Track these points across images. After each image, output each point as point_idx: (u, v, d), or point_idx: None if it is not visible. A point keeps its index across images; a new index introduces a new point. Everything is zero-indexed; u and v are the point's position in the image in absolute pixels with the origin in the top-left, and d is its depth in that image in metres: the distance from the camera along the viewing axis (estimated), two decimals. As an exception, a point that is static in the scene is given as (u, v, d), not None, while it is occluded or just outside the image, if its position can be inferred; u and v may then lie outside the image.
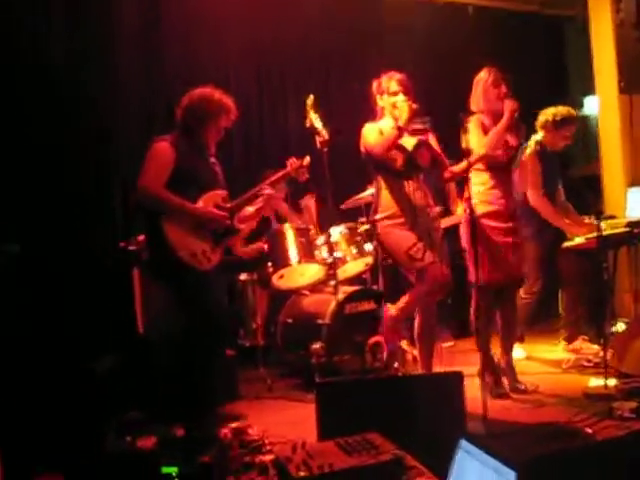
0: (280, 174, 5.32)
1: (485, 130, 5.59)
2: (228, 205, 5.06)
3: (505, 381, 5.78)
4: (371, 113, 5.53)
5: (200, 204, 4.90)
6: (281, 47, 8.30)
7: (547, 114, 6.71)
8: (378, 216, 5.40)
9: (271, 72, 8.28)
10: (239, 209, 5.16)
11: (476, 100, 5.72)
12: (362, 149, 5.41)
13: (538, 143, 6.66)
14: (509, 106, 5.54)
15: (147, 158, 4.84)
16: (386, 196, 5.38)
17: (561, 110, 6.73)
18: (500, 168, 5.68)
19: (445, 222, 6.62)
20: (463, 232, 5.73)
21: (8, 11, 6.42)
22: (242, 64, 8.02)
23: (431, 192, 5.60)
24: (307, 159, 5.32)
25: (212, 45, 7.81)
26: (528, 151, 6.60)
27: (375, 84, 5.50)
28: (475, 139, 5.48)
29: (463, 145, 5.18)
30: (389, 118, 5.42)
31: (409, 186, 5.36)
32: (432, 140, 5.54)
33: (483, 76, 5.72)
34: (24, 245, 5.65)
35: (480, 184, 5.57)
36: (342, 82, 8.40)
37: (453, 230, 6.05)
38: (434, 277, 5.26)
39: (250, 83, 8.11)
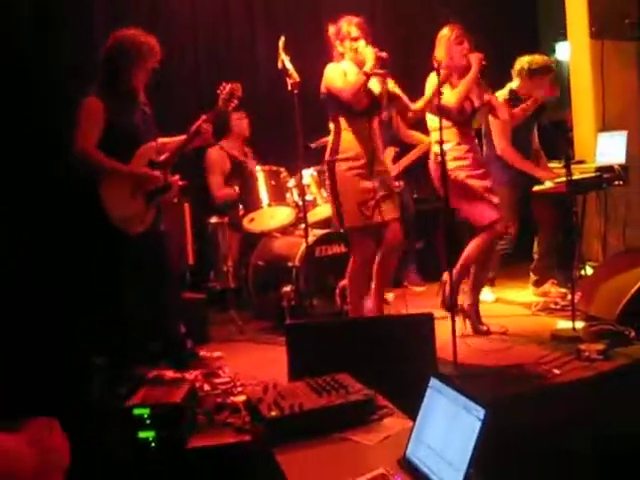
0: (214, 110, 5.21)
1: (451, 85, 5.65)
2: (162, 158, 5.03)
3: (468, 322, 5.87)
4: (329, 57, 5.51)
5: (134, 161, 4.86)
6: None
7: (523, 62, 6.66)
8: (338, 156, 5.38)
9: (240, 12, 8.16)
10: (173, 159, 5.11)
11: (440, 57, 5.70)
12: (323, 89, 5.39)
13: (512, 91, 6.63)
14: (476, 58, 5.59)
15: (79, 118, 4.75)
16: (347, 137, 5.36)
17: (537, 59, 6.69)
18: (464, 123, 5.75)
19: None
20: (436, 176, 5.76)
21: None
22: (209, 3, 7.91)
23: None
24: (239, 87, 5.21)
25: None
26: (500, 99, 6.58)
27: (333, 29, 5.45)
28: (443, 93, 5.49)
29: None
30: (350, 62, 5.40)
31: (371, 130, 5.39)
32: (391, 83, 5.53)
33: (446, 33, 5.73)
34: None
35: (447, 141, 5.57)
36: (313, 24, 8.30)
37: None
38: (367, 249, 5.43)
39: (218, 23, 7.99)
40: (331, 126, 5.47)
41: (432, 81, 5.49)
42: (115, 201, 4.78)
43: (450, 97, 5.54)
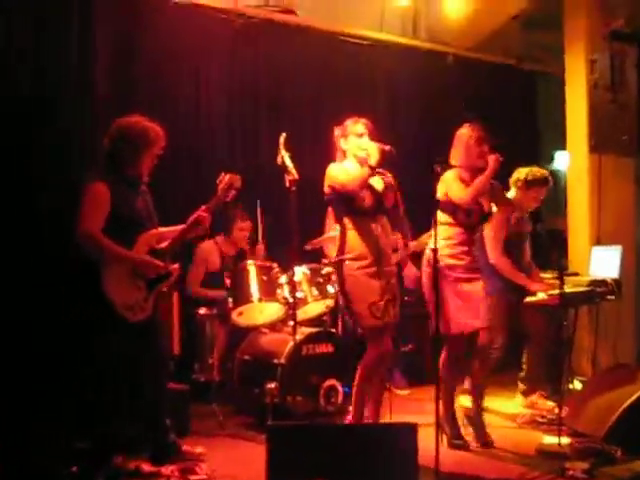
0: (212, 200, 5.23)
1: (464, 183, 5.60)
2: (163, 246, 5.08)
3: (472, 432, 5.77)
4: (333, 158, 5.53)
5: (136, 248, 4.89)
6: (255, 85, 8.29)
7: (520, 172, 6.72)
8: (345, 257, 5.34)
9: (243, 108, 8.23)
10: (174, 247, 5.15)
11: (457, 155, 5.72)
12: (327, 189, 5.37)
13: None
14: (493, 159, 5.56)
15: (84, 201, 4.79)
16: (353, 237, 5.33)
17: (535, 171, 6.75)
18: (469, 227, 5.69)
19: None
20: (426, 282, 5.69)
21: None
22: (215, 98, 7.99)
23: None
24: (238, 178, 5.26)
25: (185, 80, 7.76)
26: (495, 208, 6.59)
27: (338, 129, 5.49)
28: (456, 189, 5.52)
29: (437, 196, 5.31)
30: (353, 160, 5.41)
31: (376, 229, 5.35)
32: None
33: (466, 132, 5.73)
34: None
35: (447, 238, 5.55)
36: (316, 125, 8.36)
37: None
38: (383, 345, 5.34)
39: (221, 117, 8.06)
40: (337, 227, 5.47)
41: (447, 179, 5.52)
42: (117, 287, 4.79)
43: (462, 192, 5.50)
